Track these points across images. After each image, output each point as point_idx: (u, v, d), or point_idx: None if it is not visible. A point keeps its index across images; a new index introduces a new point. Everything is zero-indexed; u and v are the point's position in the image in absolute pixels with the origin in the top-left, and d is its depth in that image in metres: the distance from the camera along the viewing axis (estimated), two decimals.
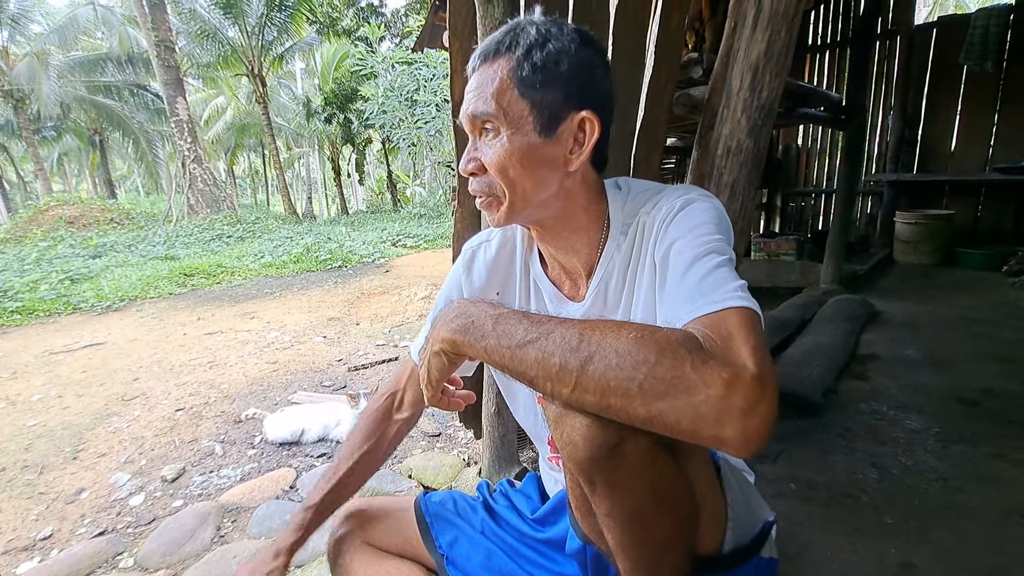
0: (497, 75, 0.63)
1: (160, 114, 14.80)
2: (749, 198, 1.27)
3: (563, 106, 0.63)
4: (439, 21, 3.03)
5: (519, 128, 0.63)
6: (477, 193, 0.69)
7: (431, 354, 0.61)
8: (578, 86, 0.64)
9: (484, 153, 0.65)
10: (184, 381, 2.77)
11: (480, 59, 0.66)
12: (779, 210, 5.34)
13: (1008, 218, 4.10)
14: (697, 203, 0.65)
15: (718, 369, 0.44)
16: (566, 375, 0.48)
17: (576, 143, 0.65)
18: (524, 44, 0.63)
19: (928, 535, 1.16)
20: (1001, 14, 3.86)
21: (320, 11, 12.82)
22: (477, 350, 0.55)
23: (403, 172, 17.79)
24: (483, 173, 0.67)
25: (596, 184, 0.72)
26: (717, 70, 1.35)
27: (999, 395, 1.84)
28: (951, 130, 4.32)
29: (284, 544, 0.82)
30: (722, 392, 0.43)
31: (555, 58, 0.62)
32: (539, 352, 0.49)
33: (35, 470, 1.95)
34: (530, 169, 0.64)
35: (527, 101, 0.63)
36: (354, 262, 6.39)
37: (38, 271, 5.93)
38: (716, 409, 0.43)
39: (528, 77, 0.62)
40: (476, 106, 0.64)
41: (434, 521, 0.85)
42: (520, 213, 0.67)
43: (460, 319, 0.57)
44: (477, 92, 0.64)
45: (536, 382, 0.50)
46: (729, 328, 0.48)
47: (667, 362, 0.44)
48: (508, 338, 0.52)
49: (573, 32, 0.65)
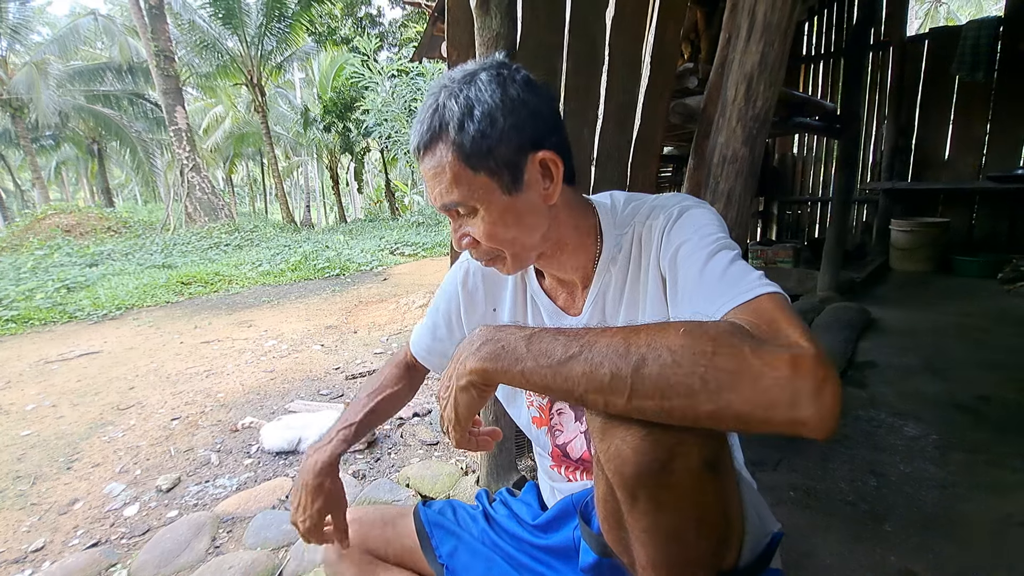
0: (444, 163, 0.62)
1: (159, 123, 14.87)
2: (745, 206, 1.28)
3: (518, 157, 0.63)
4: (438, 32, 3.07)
5: (489, 199, 0.63)
6: (480, 260, 0.70)
7: (456, 390, 0.56)
8: (521, 133, 0.62)
9: (471, 230, 0.66)
10: (180, 390, 2.75)
11: (419, 152, 0.65)
12: (776, 218, 5.37)
13: (1002, 226, 4.13)
14: (693, 208, 0.65)
15: (778, 352, 0.43)
16: (619, 384, 0.45)
17: (546, 179, 0.65)
18: (453, 122, 0.61)
19: (928, 543, 1.16)
20: (991, 25, 3.92)
21: (319, 21, 12.93)
22: (513, 375, 0.51)
23: (401, 181, 17.86)
24: (479, 244, 0.67)
25: (576, 199, 0.72)
26: (712, 80, 1.36)
27: (996, 402, 1.84)
28: (944, 139, 4.37)
29: (330, 457, 0.78)
30: (789, 373, 0.41)
31: (489, 119, 0.61)
32: (586, 365, 0.46)
33: (28, 480, 1.93)
34: (516, 224, 0.65)
35: (484, 173, 0.62)
36: (352, 270, 6.39)
37: (34, 280, 5.91)
38: (788, 392, 0.41)
39: (473, 151, 0.61)
40: (442, 199, 0.64)
41: (434, 530, 0.84)
42: (527, 261, 0.69)
43: (488, 345, 0.53)
44: (434, 184, 0.64)
45: (586, 398, 0.47)
46: (771, 313, 0.48)
47: (726, 351, 0.43)
48: (547, 357, 0.49)
49: (491, 80, 0.62)
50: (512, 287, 0.82)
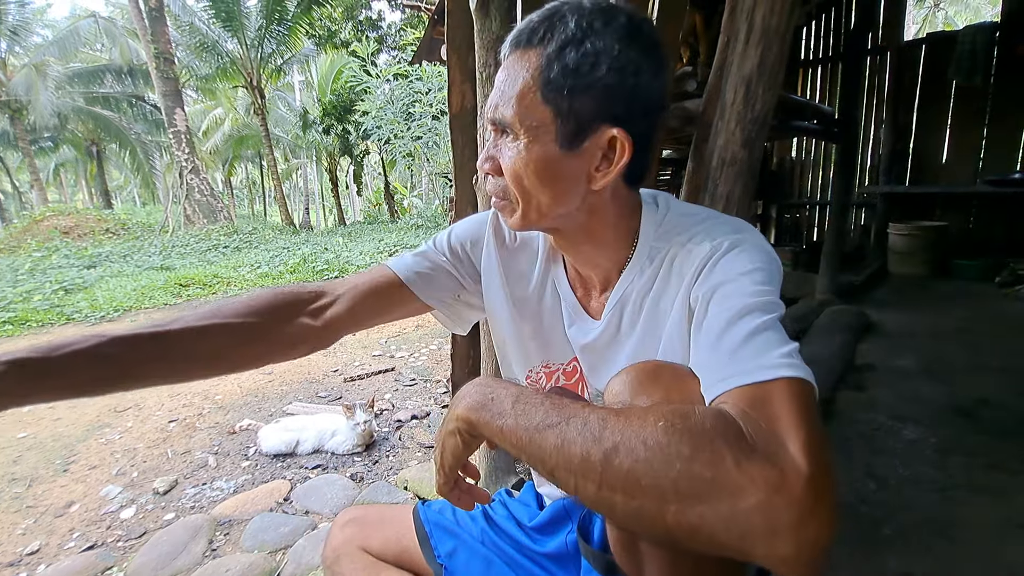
0: (522, 74, 0.56)
1: (158, 125, 14.88)
2: (744, 208, 1.28)
3: (593, 118, 0.55)
4: (437, 35, 3.08)
5: (537, 137, 0.56)
6: (491, 194, 0.63)
7: (446, 434, 0.55)
8: (614, 96, 0.55)
9: (502, 155, 0.59)
10: (178, 392, 2.74)
11: (512, 46, 0.58)
12: (774, 221, 5.38)
13: (999, 229, 4.14)
14: (748, 245, 0.56)
15: (763, 467, 0.36)
16: (590, 468, 0.40)
17: (604, 160, 0.57)
18: (558, 39, 0.54)
19: (927, 546, 1.16)
20: (987, 31, 3.95)
21: (319, 24, 12.97)
22: (493, 429, 0.48)
23: (400, 183, 17.86)
24: (498, 175, 0.61)
25: (629, 199, 0.64)
26: (711, 83, 1.37)
27: (995, 406, 1.84)
28: (942, 143, 4.39)
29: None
30: (766, 497, 0.35)
31: (592, 60, 0.54)
32: (558, 438, 0.43)
33: (24, 483, 1.92)
34: (547, 182, 0.57)
35: (551, 108, 0.55)
36: (351, 273, 6.37)
37: (32, 281, 5.90)
38: (764, 518, 0.35)
39: (556, 80, 0.54)
40: (497, 108, 0.58)
41: (433, 530, 0.84)
42: (535, 223, 0.62)
43: (478, 395, 0.51)
44: (500, 91, 0.58)
45: (557, 474, 0.43)
46: (775, 409, 0.40)
47: (704, 456, 0.37)
48: (527, 419, 0.45)
49: (623, 28, 0.54)
50: (541, 263, 0.74)
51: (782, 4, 1.17)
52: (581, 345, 0.70)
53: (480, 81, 1.25)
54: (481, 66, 1.23)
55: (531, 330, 0.75)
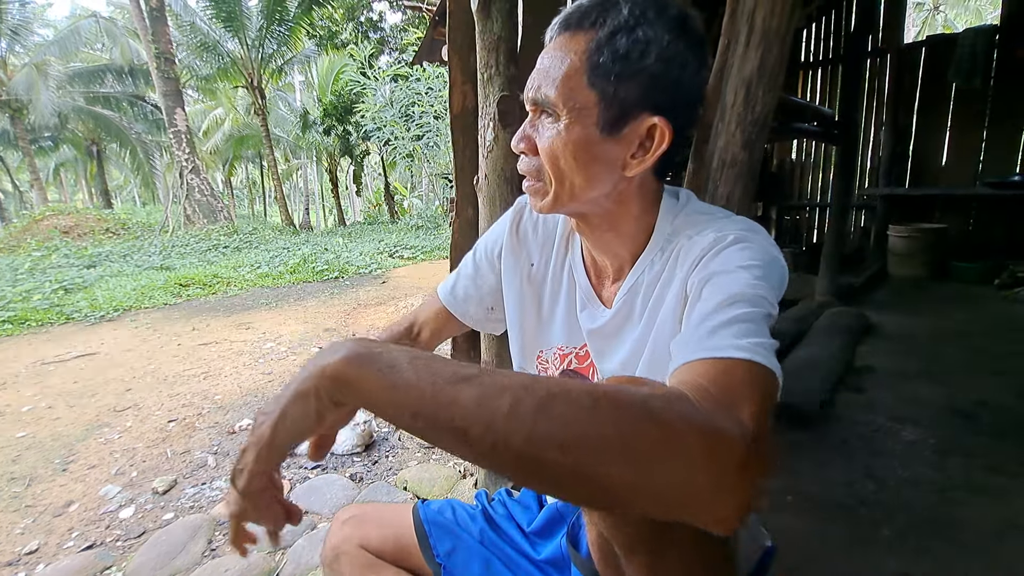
0: (569, 56, 0.56)
1: (158, 125, 14.88)
2: (744, 210, 1.28)
3: (636, 105, 0.56)
4: (438, 36, 3.08)
5: (579, 119, 0.56)
6: (524, 173, 0.63)
7: (287, 400, 0.43)
8: (659, 86, 0.56)
9: (539, 134, 0.60)
10: (177, 392, 2.74)
11: (560, 28, 0.58)
12: (774, 223, 5.39)
13: (999, 232, 4.15)
14: (753, 243, 0.56)
15: (707, 424, 0.36)
16: (520, 418, 0.35)
17: (641, 148, 0.58)
18: (611, 24, 0.55)
19: (926, 547, 1.16)
20: (987, 33, 3.96)
21: (320, 25, 12.99)
22: (381, 385, 0.39)
23: (400, 184, 17.88)
24: (534, 154, 0.61)
25: (654, 193, 0.66)
26: (711, 85, 1.37)
27: (993, 407, 1.85)
28: (942, 145, 4.40)
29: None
30: (712, 458, 0.35)
31: (642, 48, 0.54)
32: (480, 389, 0.37)
33: (23, 482, 1.92)
34: (583, 164, 0.58)
35: (596, 92, 0.56)
36: (351, 273, 6.38)
37: (31, 281, 5.89)
38: (710, 479, 0.35)
39: (604, 65, 0.55)
40: (540, 88, 0.58)
41: (432, 529, 0.84)
42: (565, 206, 0.62)
43: (359, 348, 0.42)
44: (545, 71, 0.58)
45: (472, 432, 0.36)
46: (733, 383, 0.41)
47: (654, 415, 0.36)
48: (432, 373, 0.39)
49: (674, 19, 0.56)
50: (557, 248, 0.76)
51: (782, 6, 1.18)
52: (589, 330, 0.72)
53: (481, 82, 1.25)
54: (482, 67, 1.24)
55: (547, 313, 0.77)
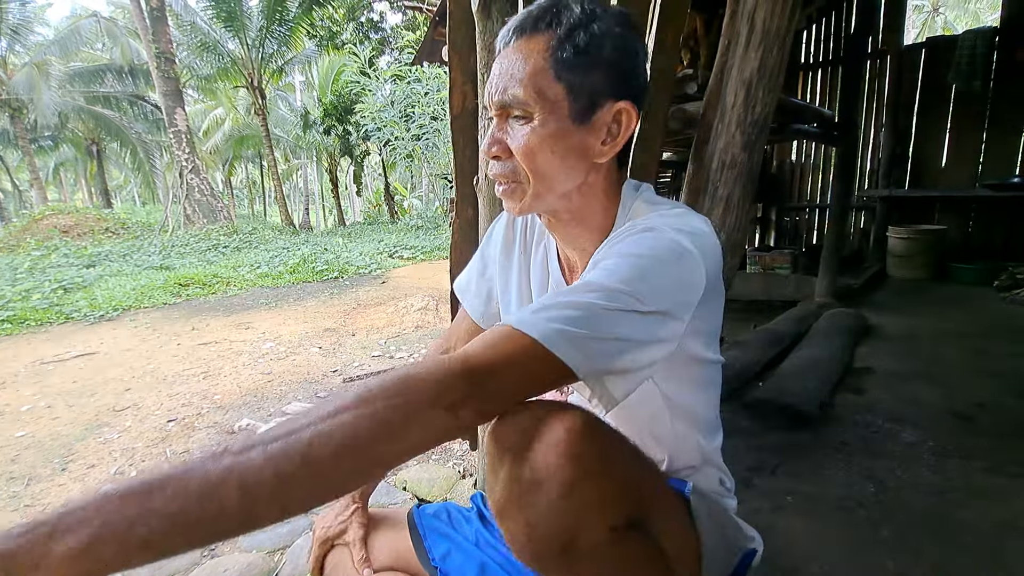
0: (532, 56, 0.58)
1: (159, 125, 14.88)
2: (744, 211, 1.28)
3: (601, 93, 0.60)
4: (438, 36, 3.08)
5: (552, 113, 0.59)
6: (498, 178, 0.64)
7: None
8: (619, 73, 0.60)
9: (511, 137, 0.61)
10: (177, 392, 2.74)
11: (515, 34, 0.61)
12: (774, 224, 5.39)
13: (998, 234, 4.15)
14: (663, 236, 0.55)
15: (431, 398, 0.45)
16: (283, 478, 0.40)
17: (609, 135, 0.62)
18: (567, 23, 0.58)
19: (925, 549, 1.16)
20: (987, 35, 3.96)
21: (320, 25, 12.99)
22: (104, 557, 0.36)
23: (400, 184, 17.88)
24: (507, 157, 0.62)
25: (618, 182, 0.68)
26: (712, 86, 1.37)
27: (992, 409, 1.85)
28: (941, 147, 4.40)
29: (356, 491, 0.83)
30: (434, 416, 0.45)
31: (599, 41, 0.58)
32: (236, 474, 0.39)
33: (22, 482, 1.92)
34: (559, 156, 0.60)
35: (564, 85, 0.58)
36: (350, 273, 6.38)
37: (31, 280, 5.89)
38: (441, 424, 0.45)
39: (568, 59, 0.58)
40: (507, 91, 0.59)
41: (427, 533, 0.83)
42: (543, 201, 0.64)
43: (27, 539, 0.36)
44: (508, 74, 0.59)
45: (259, 506, 0.40)
46: (497, 347, 0.47)
47: (388, 399, 0.44)
48: (191, 472, 0.39)
49: (619, 14, 0.61)
50: (540, 242, 0.79)
51: (783, 7, 1.18)
52: None
53: (481, 82, 1.26)
54: (483, 67, 1.24)
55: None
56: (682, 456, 0.71)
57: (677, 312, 0.53)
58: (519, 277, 0.81)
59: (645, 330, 0.50)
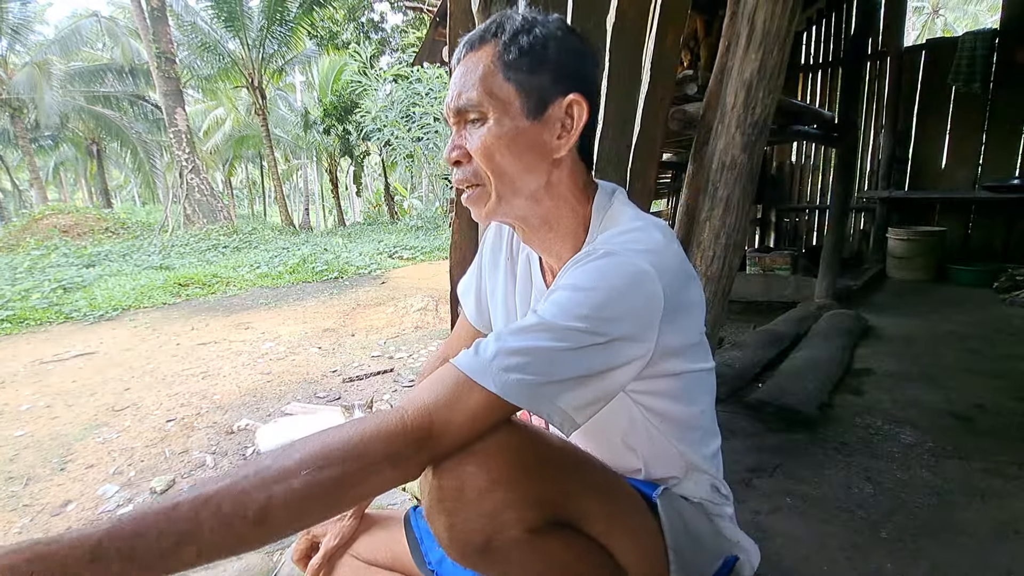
0: (482, 62, 0.62)
1: (159, 125, 14.88)
2: (744, 211, 1.28)
3: (551, 89, 0.62)
4: (439, 36, 3.09)
5: (506, 112, 0.61)
6: (461, 183, 0.66)
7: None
8: (566, 69, 0.63)
9: (469, 141, 0.63)
10: (176, 392, 2.74)
11: (466, 49, 0.64)
12: (773, 225, 5.39)
13: (998, 235, 4.16)
14: (619, 263, 0.55)
15: (385, 441, 0.49)
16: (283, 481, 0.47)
17: (564, 128, 0.64)
18: (510, 29, 0.62)
19: (924, 550, 1.16)
20: (987, 37, 3.96)
21: (321, 25, 12.99)
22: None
23: (401, 184, 17.87)
24: (468, 161, 0.64)
25: (585, 182, 0.69)
26: (712, 87, 1.37)
27: (992, 410, 1.85)
28: (941, 149, 4.40)
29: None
30: (387, 457, 0.50)
31: (542, 42, 0.62)
32: (227, 491, 0.47)
33: (20, 482, 1.91)
34: (517, 154, 0.62)
35: (513, 85, 0.61)
36: (350, 274, 6.38)
37: (30, 280, 5.88)
38: (391, 470, 0.50)
39: (515, 61, 0.61)
40: (461, 95, 0.62)
41: (424, 536, 0.83)
42: (509, 203, 0.65)
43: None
44: (462, 81, 0.63)
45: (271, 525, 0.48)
46: (447, 390, 0.51)
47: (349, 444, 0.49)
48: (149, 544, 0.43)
49: (559, 20, 0.65)
50: (527, 253, 0.79)
51: (783, 9, 1.18)
52: None
53: None
54: None
55: (520, 313, 0.80)
56: (660, 464, 0.71)
57: (639, 335, 0.54)
58: (505, 284, 0.81)
59: (605, 360, 0.53)
